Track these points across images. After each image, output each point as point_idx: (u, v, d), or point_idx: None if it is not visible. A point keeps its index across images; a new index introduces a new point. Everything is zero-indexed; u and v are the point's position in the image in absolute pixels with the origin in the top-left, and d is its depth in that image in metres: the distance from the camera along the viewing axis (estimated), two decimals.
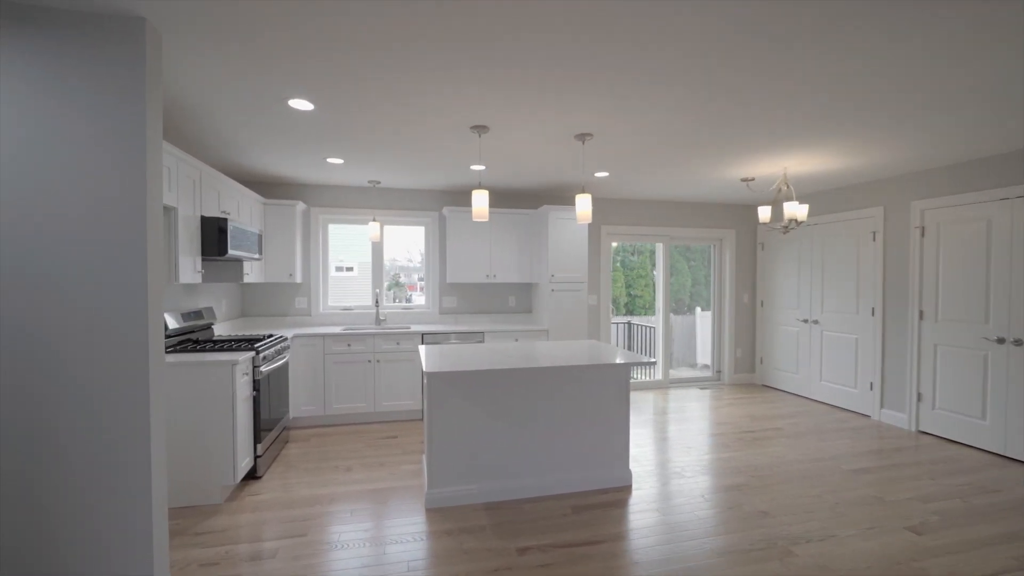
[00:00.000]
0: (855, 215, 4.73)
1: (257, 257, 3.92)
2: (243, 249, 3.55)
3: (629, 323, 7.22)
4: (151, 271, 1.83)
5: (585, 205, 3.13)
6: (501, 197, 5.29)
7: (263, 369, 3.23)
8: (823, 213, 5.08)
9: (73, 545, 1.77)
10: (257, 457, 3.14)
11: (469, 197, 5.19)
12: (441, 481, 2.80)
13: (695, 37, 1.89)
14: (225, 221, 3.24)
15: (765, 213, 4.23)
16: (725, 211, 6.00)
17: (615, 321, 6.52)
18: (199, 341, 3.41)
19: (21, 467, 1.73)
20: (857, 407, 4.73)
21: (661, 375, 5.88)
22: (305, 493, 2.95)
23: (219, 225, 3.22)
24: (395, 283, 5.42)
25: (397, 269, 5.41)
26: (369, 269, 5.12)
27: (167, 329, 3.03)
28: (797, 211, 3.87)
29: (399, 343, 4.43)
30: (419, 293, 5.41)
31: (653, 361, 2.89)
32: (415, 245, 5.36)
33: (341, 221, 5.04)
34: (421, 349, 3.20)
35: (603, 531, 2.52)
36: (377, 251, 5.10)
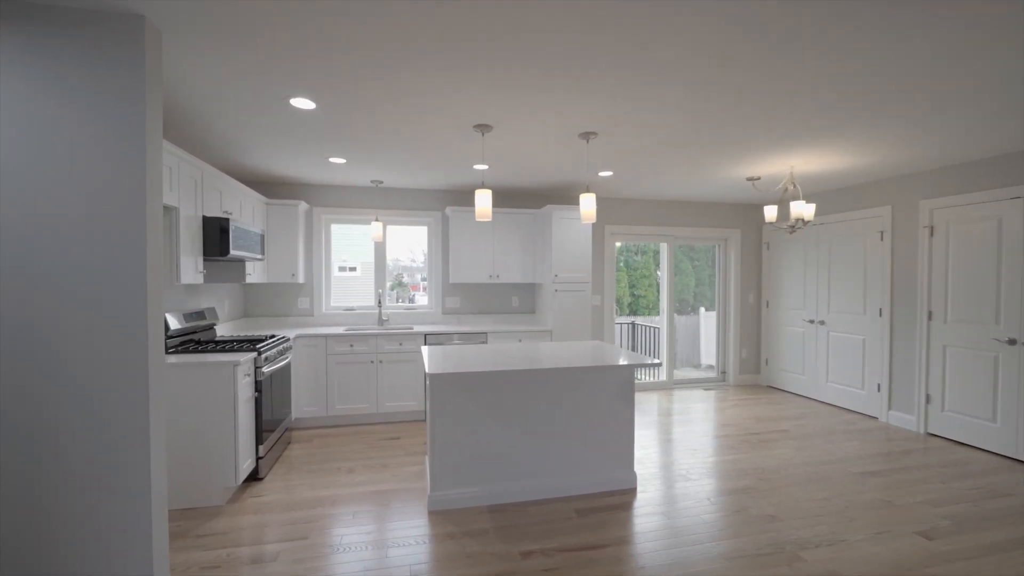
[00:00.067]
0: (862, 214, 4.68)
1: (260, 257, 3.91)
2: (245, 249, 3.53)
3: (633, 323, 7.18)
4: (151, 271, 1.82)
5: (589, 204, 3.10)
6: (504, 197, 5.26)
7: (265, 370, 3.21)
8: (830, 212, 5.03)
9: (73, 545, 1.77)
10: (259, 458, 3.13)
11: (472, 197, 5.17)
12: (444, 483, 2.77)
13: (697, 36, 1.89)
14: (227, 221, 3.22)
15: (771, 212, 4.18)
16: (730, 210, 5.95)
17: (619, 321, 6.48)
18: (201, 342, 3.40)
19: (21, 467, 1.72)
20: (864, 409, 4.68)
21: (665, 376, 5.84)
22: (307, 495, 2.93)
23: (221, 225, 3.21)
24: (398, 283, 5.39)
25: (400, 269, 5.39)
26: (372, 269, 5.10)
27: (169, 330, 3.02)
28: (804, 210, 3.83)
29: (402, 344, 4.41)
30: (422, 293, 5.38)
31: (658, 363, 2.86)
32: (418, 245, 5.34)
33: (344, 221, 5.02)
34: (424, 350, 3.18)
35: (608, 535, 2.49)
36: (380, 251, 5.08)
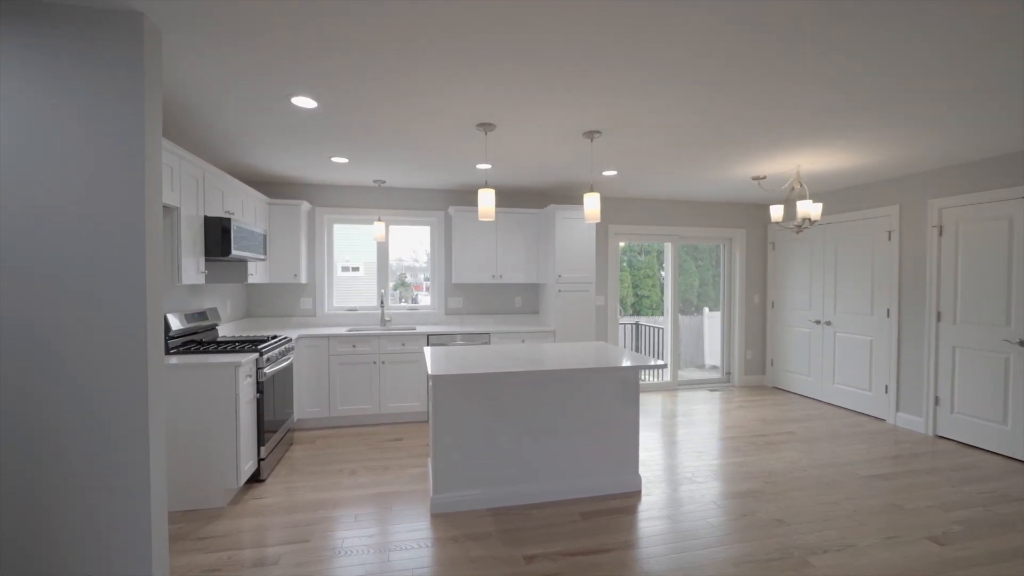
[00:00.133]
0: (870, 214, 4.62)
1: (262, 257, 3.89)
2: (247, 249, 3.51)
3: (637, 324, 7.14)
4: (150, 270, 1.80)
5: (593, 204, 3.07)
6: (507, 196, 5.23)
7: (267, 371, 3.19)
8: (836, 212, 4.97)
9: (73, 545, 1.76)
10: (261, 460, 3.11)
11: (475, 197, 5.14)
12: (446, 486, 2.74)
13: (701, 36, 1.89)
14: (229, 221, 3.20)
15: (777, 212, 4.13)
16: (735, 210, 5.90)
17: (623, 322, 6.44)
18: (203, 342, 3.38)
19: (21, 467, 1.71)
20: (872, 411, 4.62)
21: (670, 377, 5.79)
22: (309, 497, 2.91)
23: (223, 225, 3.19)
24: (401, 283, 5.37)
25: (403, 269, 5.36)
26: (375, 270, 5.08)
27: (171, 330, 3.00)
28: (811, 210, 3.78)
29: (404, 344, 4.38)
30: (425, 293, 5.36)
31: (663, 364, 2.82)
32: (421, 245, 5.31)
33: (346, 221, 5.00)
34: (427, 351, 3.15)
35: (612, 539, 2.45)
36: (382, 251, 5.06)
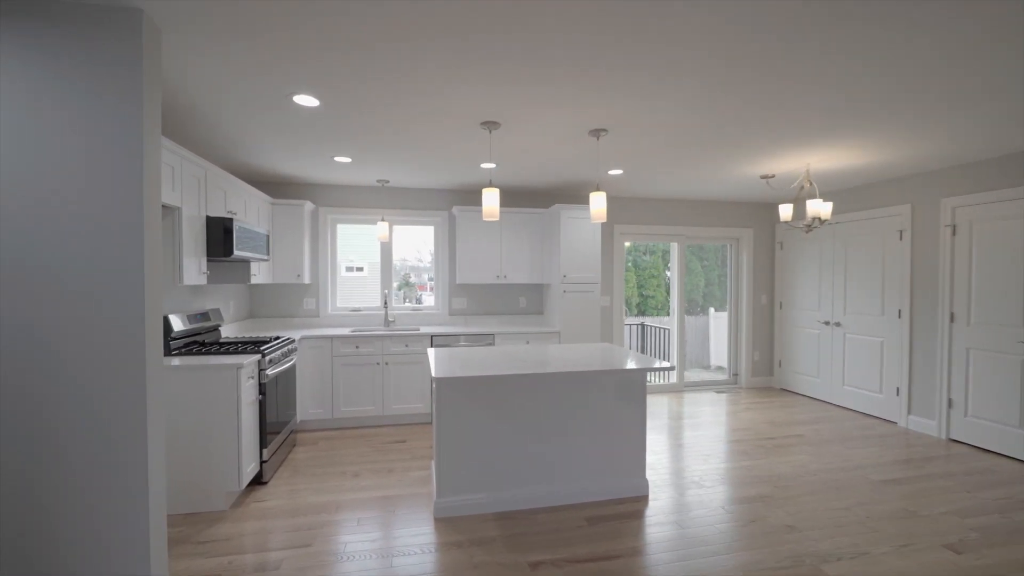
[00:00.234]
0: (881, 213, 4.54)
1: (265, 258, 3.86)
2: (250, 250, 3.48)
3: (642, 324, 7.08)
4: (148, 270, 1.77)
5: (600, 203, 3.02)
6: (512, 196, 5.18)
7: (269, 372, 3.16)
8: (846, 211, 4.89)
9: (73, 545, 1.74)
10: (263, 462, 3.08)
11: (479, 196, 5.09)
12: (450, 490, 2.70)
13: (705, 36, 1.88)
14: (231, 221, 3.17)
15: (786, 211, 4.07)
16: (742, 209, 5.82)
17: (628, 322, 6.38)
18: (205, 343, 3.36)
19: (21, 467, 1.70)
20: (882, 413, 4.54)
21: (676, 378, 5.73)
22: (311, 500, 2.88)
23: (225, 225, 3.16)
24: (405, 283, 5.34)
25: (407, 269, 5.33)
26: (379, 270, 5.05)
27: (173, 331, 2.98)
28: (821, 209, 3.71)
29: (408, 345, 4.35)
30: (429, 293, 5.32)
31: (671, 367, 2.76)
32: (425, 245, 5.28)
33: (350, 221, 4.97)
34: (430, 352, 3.11)
35: (619, 545, 2.40)
36: (386, 252, 5.03)
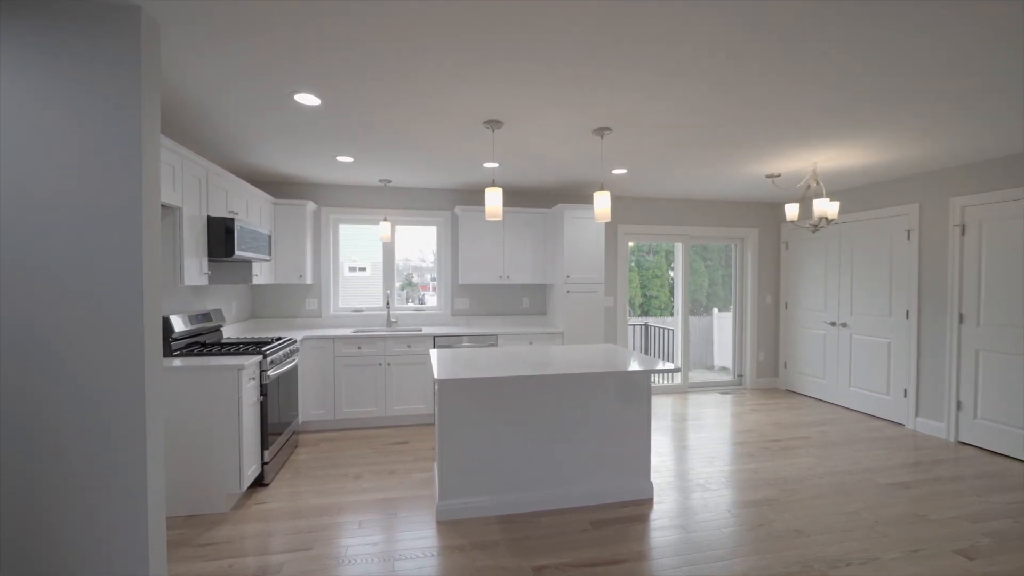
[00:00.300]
0: (888, 212, 4.48)
1: (267, 258, 3.84)
2: (252, 250, 3.46)
3: (646, 325, 7.04)
4: (147, 270, 1.75)
5: (604, 203, 2.98)
6: (515, 196, 5.15)
7: (271, 373, 3.14)
8: (853, 211, 4.84)
9: (72, 545, 1.73)
10: (264, 464, 3.06)
11: (482, 196, 5.07)
12: (452, 492, 2.67)
13: (709, 35, 1.86)
14: (232, 221, 3.15)
15: (793, 211, 4.02)
16: (747, 209, 5.78)
17: (632, 323, 6.34)
18: (207, 344, 3.34)
19: (21, 467, 1.69)
20: (890, 415, 4.49)
21: (680, 379, 5.68)
22: (313, 502, 2.85)
23: (226, 225, 3.14)
24: (408, 283, 5.32)
25: (410, 269, 5.31)
26: (381, 270, 5.03)
27: (174, 331, 2.96)
28: (828, 208, 3.67)
29: (410, 346, 4.32)
30: (432, 293, 5.30)
31: (676, 368, 2.73)
32: (427, 245, 5.25)
33: (352, 221, 4.95)
34: (432, 353, 3.08)
35: (624, 549, 2.37)
36: (388, 252, 5.00)
